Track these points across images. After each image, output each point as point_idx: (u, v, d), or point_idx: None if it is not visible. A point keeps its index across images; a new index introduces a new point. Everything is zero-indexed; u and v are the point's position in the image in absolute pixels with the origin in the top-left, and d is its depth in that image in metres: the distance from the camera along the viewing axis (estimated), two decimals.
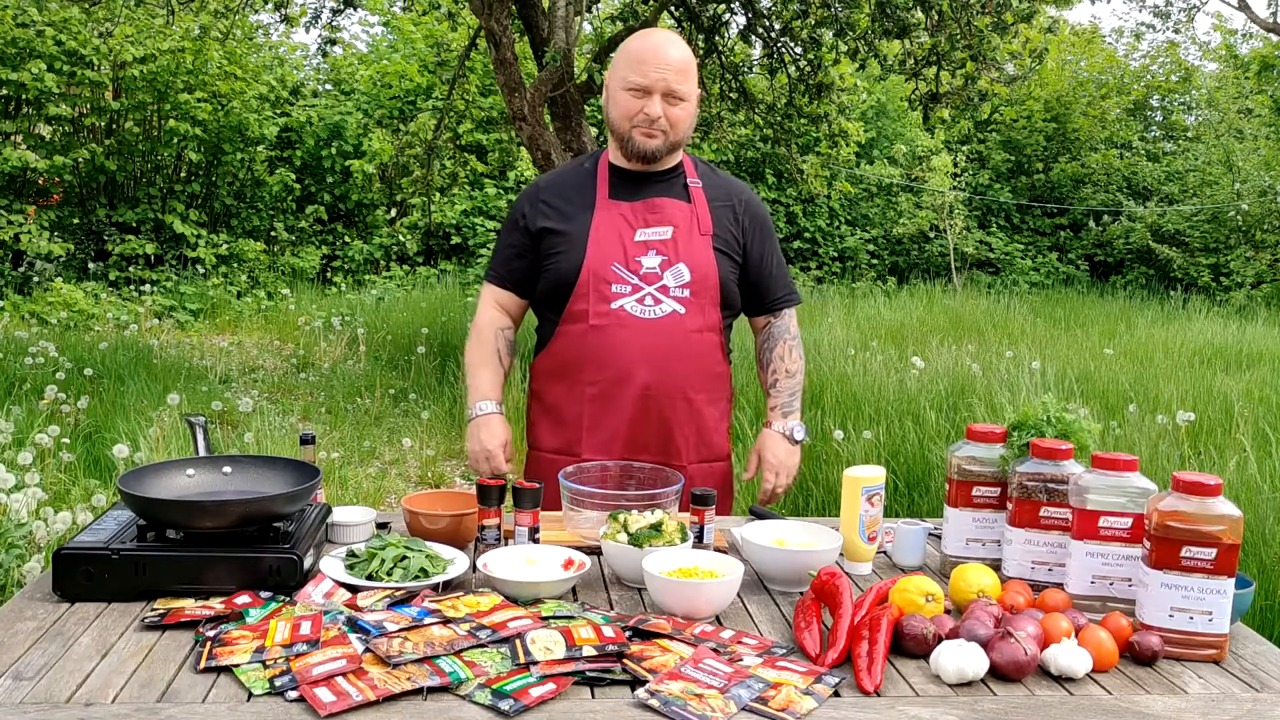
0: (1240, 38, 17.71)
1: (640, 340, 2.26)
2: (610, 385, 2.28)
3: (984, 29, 7.05)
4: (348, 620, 1.55)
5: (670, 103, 2.24)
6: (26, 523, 3.41)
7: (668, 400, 2.29)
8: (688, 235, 2.31)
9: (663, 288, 2.28)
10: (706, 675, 1.43)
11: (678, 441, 2.32)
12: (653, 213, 2.31)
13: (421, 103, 13.45)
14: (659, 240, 2.30)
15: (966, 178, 16.14)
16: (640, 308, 2.27)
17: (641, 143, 2.26)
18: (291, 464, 1.93)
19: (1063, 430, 1.87)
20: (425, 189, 10.47)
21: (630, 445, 2.28)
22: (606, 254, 2.28)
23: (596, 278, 2.27)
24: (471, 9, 7.06)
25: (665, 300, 2.28)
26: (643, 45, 2.26)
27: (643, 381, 2.27)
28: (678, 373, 2.29)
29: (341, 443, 6.36)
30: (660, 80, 2.22)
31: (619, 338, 2.27)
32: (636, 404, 2.28)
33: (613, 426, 2.29)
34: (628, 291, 2.27)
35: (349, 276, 13.29)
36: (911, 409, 5.71)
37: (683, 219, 2.32)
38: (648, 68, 2.22)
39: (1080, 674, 1.49)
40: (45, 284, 10.85)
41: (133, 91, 11.85)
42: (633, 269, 2.28)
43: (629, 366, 2.27)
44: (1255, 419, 5.68)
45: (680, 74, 2.24)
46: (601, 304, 2.28)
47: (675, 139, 2.29)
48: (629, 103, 2.25)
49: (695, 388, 2.32)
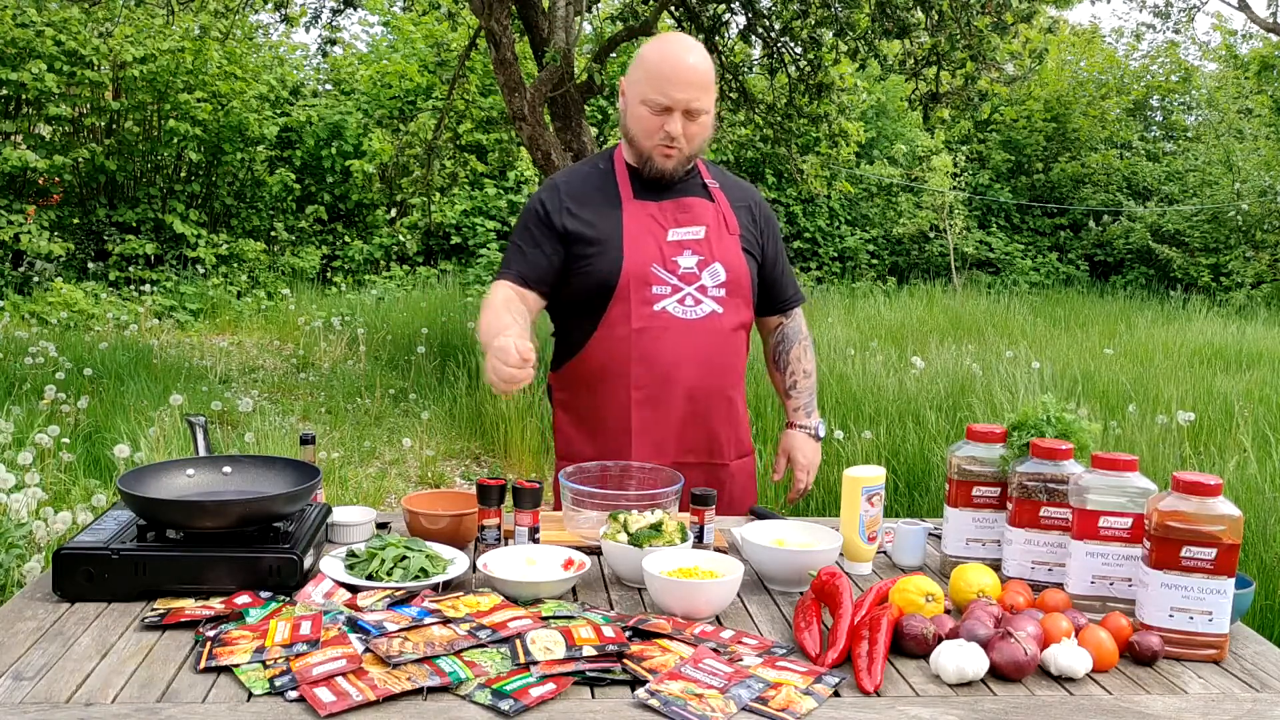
0: (1240, 38, 17.71)
1: (684, 341, 2.25)
2: (658, 389, 2.26)
3: (984, 29, 7.05)
4: (348, 620, 1.55)
5: (690, 118, 2.20)
6: (26, 523, 3.41)
7: (712, 400, 2.30)
8: (718, 234, 2.30)
9: (701, 287, 2.27)
10: (706, 675, 1.43)
11: (721, 441, 2.33)
12: (684, 212, 2.30)
13: (421, 103, 13.45)
14: (693, 240, 2.28)
15: (966, 178, 16.14)
16: (681, 308, 2.25)
17: (660, 162, 2.24)
18: (291, 464, 1.93)
19: (1063, 430, 1.87)
20: (425, 189, 10.47)
21: (680, 447, 2.27)
22: (644, 255, 2.25)
23: (637, 280, 2.23)
24: (471, 9, 7.06)
25: (705, 300, 2.27)
26: (664, 60, 2.19)
27: (690, 383, 2.26)
28: (719, 372, 2.30)
29: (341, 443, 6.36)
30: (683, 100, 2.17)
31: (664, 340, 2.24)
32: (685, 406, 2.27)
33: (663, 430, 2.27)
34: (668, 292, 2.25)
35: (349, 276, 13.29)
36: (911, 409, 5.71)
37: (712, 218, 2.31)
38: (670, 87, 2.17)
39: (1080, 674, 1.49)
40: (45, 284, 10.85)
41: (133, 91, 11.85)
42: (670, 269, 2.26)
43: (675, 368, 2.25)
44: (1255, 419, 5.69)
45: (703, 89, 2.19)
46: (643, 306, 2.24)
47: (691, 153, 2.26)
48: (649, 120, 2.20)
49: (734, 385, 2.34)
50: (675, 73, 2.17)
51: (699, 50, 2.23)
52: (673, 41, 2.25)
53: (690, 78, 2.18)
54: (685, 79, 2.17)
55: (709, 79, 2.21)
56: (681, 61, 2.18)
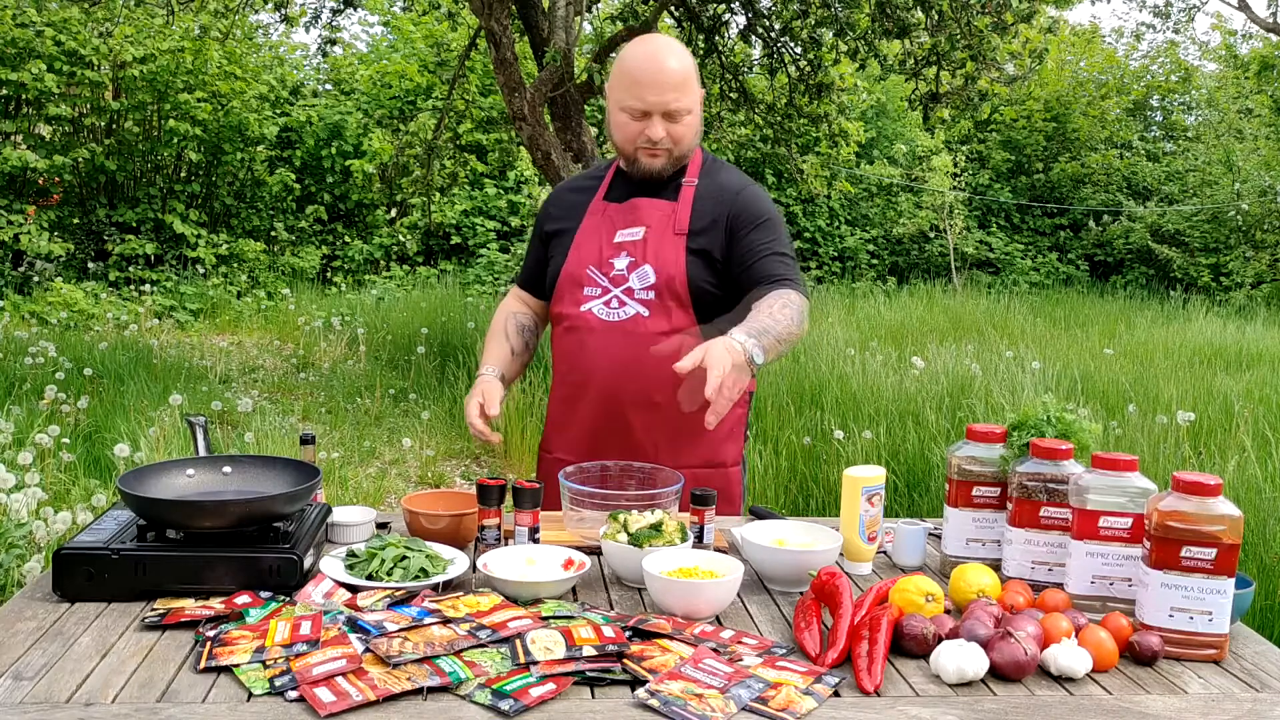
0: (1240, 38, 17.71)
1: (602, 343, 2.24)
2: (575, 387, 2.29)
3: (984, 29, 7.05)
4: (348, 620, 1.55)
5: (672, 120, 2.18)
6: (26, 523, 3.41)
7: (630, 403, 2.23)
8: (660, 235, 2.24)
9: (628, 290, 2.23)
10: (706, 675, 1.43)
11: (644, 445, 2.24)
12: (631, 212, 2.28)
13: (421, 103, 13.46)
14: (630, 241, 2.25)
15: (966, 178, 16.14)
16: (606, 310, 2.24)
17: (647, 164, 2.23)
18: (291, 464, 1.93)
19: (1063, 430, 1.87)
20: (425, 189, 10.47)
21: (594, 447, 2.25)
22: (584, 256, 2.27)
23: (571, 280, 2.27)
24: (471, 9, 7.06)
25: (630, 302, 2.23)
26: (636, 65, 2.17)
27: (605, 385, 2.24)
28: (641, 376, 2.20)
29: (341, 443, 6.36)
30: (658, 103, 2.15)
31: (584, 340, 2.26)
32: (598, 406, 2.26)
33: (578, 427, 2.29)
34: (597, 294, 2.25)
35: (349, 276, 13.29)
36: (911, 409, 5.71)
37: (658, 219, 2.25)
38: (644, 90, 2.15)
39: (1080, 674, 1.49)
40: (45, 284, 10.85)
41: (133, 91, 11.85)
42: (605, 271, 2.26)
43: (591, 369, 2.25)
44: (1255, 419, 5.69)
45: (679, 90, 2.16)
46: (573, 306, 2.27)
47: (680, 152, 2.24)
48: (628, 126, 2.19)
49: (661, 391, 2.20)
50: (649, 77, 2.15)
51: (674, 51, 2.19)
52: (645, 45, 2.22)
53: (664, 79, 2.15)
54: (659, 82, 2.15)
55: (685, 77, 2.17)
56: (654, 65, 2.16)
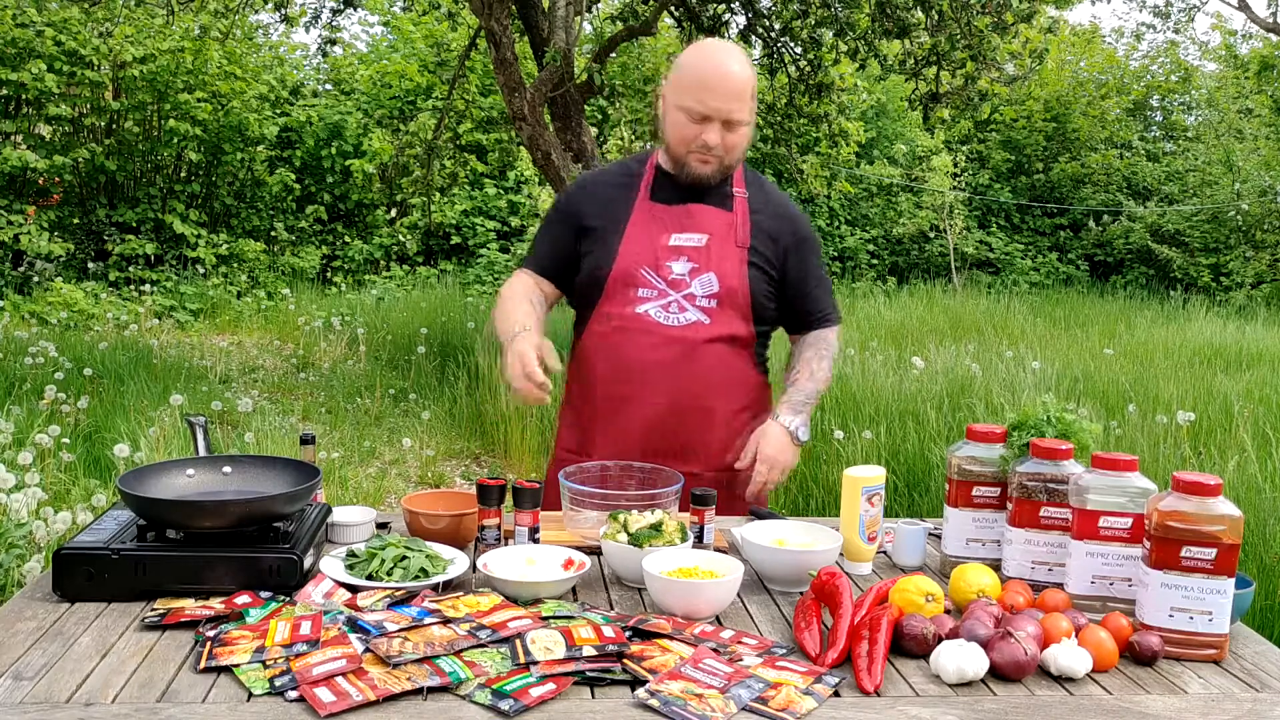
0: (1240, 38, 17.71)
1: (659, 346, 2.23)
2: (625, 389, 2.25)
3: (984, 29, 7.05)
4: (348, 620, 1.55)
5: (729, 128, 2.17)
6: (26, 523, 3.41)
7: (685, 409, 2.26)
8: (722, 244, 2.26)
9: (689, 295, 2.24)
10: (706, 675, 1.43)
11: (696, 449, 2.28)
12: (689, 218, 2.27)
13: (421, 103, 13.45)
14: (691, 247, 2.25)
15: (966, 178, 16.14)
16: (665, 314, 2.24)
17: (697, 169, 2.22)
18: (291, 464, 1.93)
19: (1063, 430, 1.87)
20: (425, 189, 10.47)
21: (644, 451, 2.25)
22: (637, 255, 2.25)
23: (623, 279, 2.24)
24: (471, 9, 7.06)
25: (690, 309, 2.24)
26: (704, 67, 2.16)
27: (659, 388, 2.24)
28: (697, 381, 2.24)
29: (341, 443, 6.36)
30: (721, 110, 2.14)
31: (638, 342, 2.24)
32: (652, 410, 2.25)
33: (626, 431, 2.26)
34: (653, 296, 2.24)
35: (349, 276, 13.29)
36: (911, 409, 5.70)
37: (719, 227, 2.27)
38: (710, 96, 2.13)
39: (1080, 674, 1.49)
40: (45, 284, 10.85)
41: (133, 91, 11.85)
42: (662, 274, 2.24)
43: (645, 372, 2.24)
44: (1255, 419, 5.68)
45: (741, 99, 2.16)
46: (625, 306, 2.24)
47: (730, 162, 2.23)
48: (686, 127, 2.18)
49: (716, 397, 2.27)
50: (715, 81, 2.14)
51: (740, 58, 2.18)
52: (713, 49, 2.21)
53: (730, 87, 2.14)
54: (725, 88, 2.14)
55: (749, 88, 2.18)
56: (722, 69, 2.15)
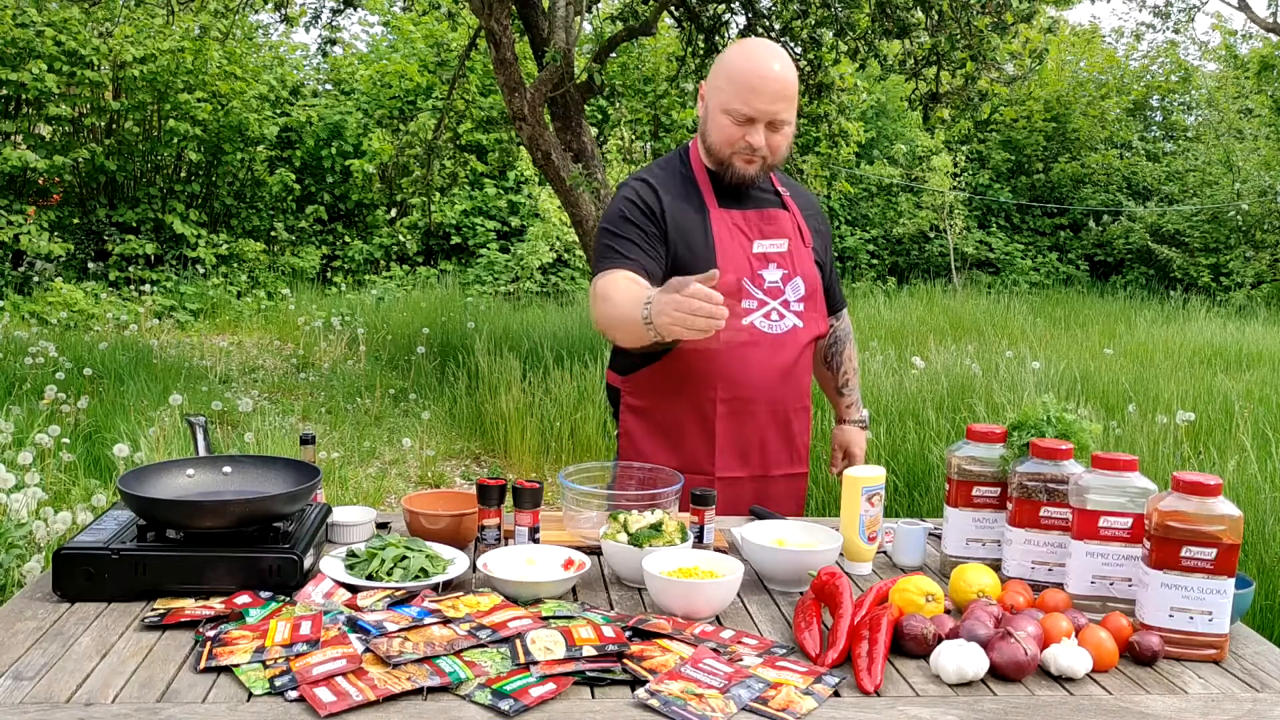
0: (1240, 38, 17.72)
1: (770, 356, 2.25)
2: (744, 403, 2.26)
3: (984, 29, 7.05)
4: (348, 620, 1.55)
5: (774, 130, 2.17)
6: (26, 523, 3.41)
7: (792, 412, 2.32)
8: (798, 247, 2.31)
9: (785, 302, 2.27)
10: (706, 675, 1.43)
11: (801, 451, 2.36)
12: (768, 224, 2.28)
13: (421, 103, 13.45)
14: (777, 253, 2.27)
15: (966, 178, 16.13)
16: (767, 323, 2.25)
17: (741, 169, 2.21)
18: (291, 464, 1.93)
19: (1063, 430, 1.87)
20: (425, 189, 10.47)
21: (764, 460, 2.27)
22: (735, 267, 2.23)
23: (728, 293, 2.19)
24: (471, 9, 7.06)
25: (788, 315, 2.27)
26: (749, 69, 2.13)
27: (773, 396, 2.27)
28: (799, 384, 2.32)
29: (341, 443, 6.36)
30: (767, 111, 2.13)
31: (751, 355, 2.24)
32: (769, 419, 2.28)
33: (748, 443, 2.27)
34: (755, 307, 2.24)
35: (349, 276, 13.29)
36: (912, 409, 5.70)
37: (792, 230, 2.32)
38: (756, 99, 2.12)
39: (1080, 674, 1.49)
40: (45, 284, 10.85)
41: (133, 91, 11.85)
42: (757, 283, 2.25)
43: (761, 383, 2.25)
44: (1255, 419, 5.68)
45: (787, 101, 2.15)
46: (732, 319, 2.18)
47: (773, 163, 2.24)
48: (730, 129, 2.16)
49: (809, 395, 2.37)
50: (761, 83, 2.12)
51: (784, 59, 2.16)
52: (758, 49, 2.18)
53: (776, 89, 2.13)
54: (771, 90, 2.12)
55: (794, 90, 2.17)
56: (768, 71, 2.13)
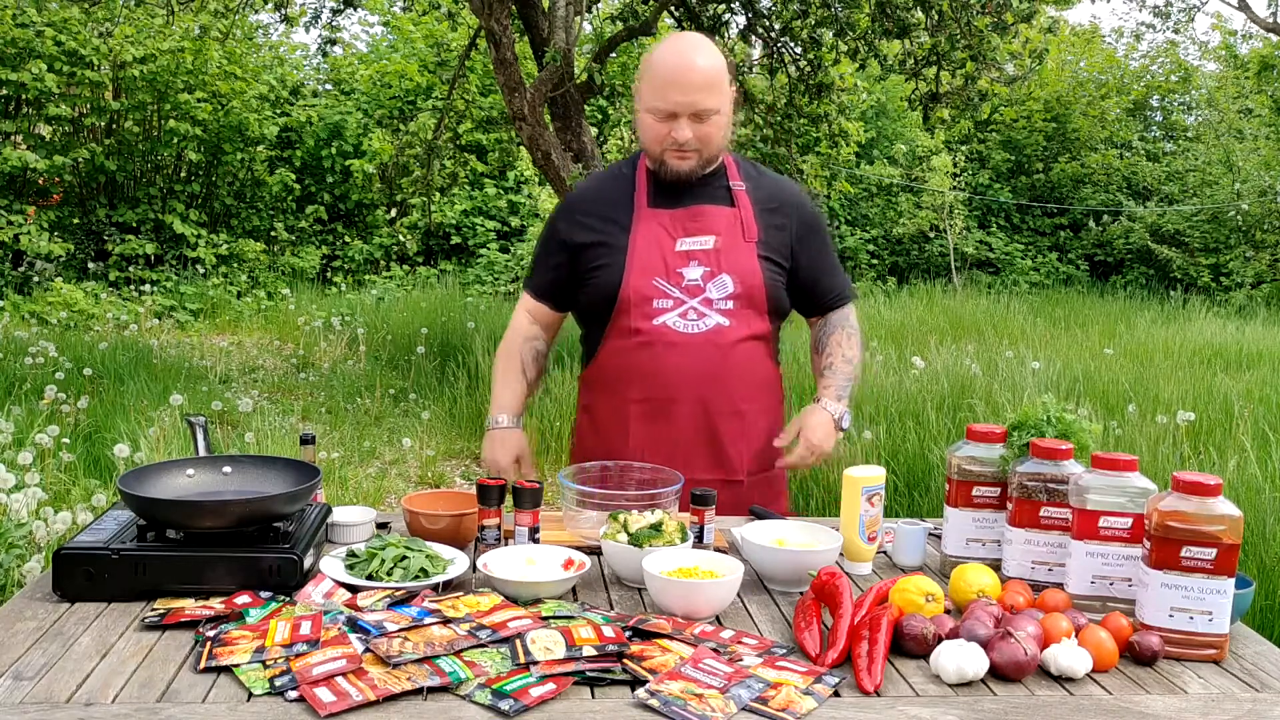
0: (1240, 38, 17.72)
1: (686, 357, 2.21)
2: (659, 404, 2.24)
3: (984, 29, 7.05)
4: (348, 620, 1.55)
5: (699, 120, 2.14)
6: (26, 523, 3.41)
7: (719, 416, 2.24)
8: (732, 243, 2.23)
9: (706, 300, 2.21)
10: (706, 675, 1.43)
11: (731, 456, 2.27)
12: (694, 220, 2.24)
13: (421, 103, 13.45)
14: (701, 250, 2.22)
15: (966, 178, 16.14)
16: (684, 322, 2.21)
17: (675, 165, 2.19)
18: (291, 464, 1.93)
19: (1063, 430, 1.87)
20: (425, 189, 10.47)
21: (685, 463, 2.22)
22: (648, 267, 2.21)
23: (639, 294, 2.21)
24: (471, 9, 7.06)
25: (709, 314, 2.22)
26: (664, 64, 2.14)
27: (691, 399, 2.22)
28: (726, 387, 2.23)
29: (341, 443, 6.36)
30: (685, 104, 2.12)
31: (665, 355, 2.21)
32: (687, 422, 2.24)
33: (665, 444, 2.24)
34: (670, 306, 2.21)
35: (349, 276, 13.29)
36: (912, 409, 5.70)
37: (726, 226, 2.24)
38: (673, 92, 2.12)
39: (1080, 674, 1.49)
40: (45, 284, 10.85)
41: (133, 91, 11.85)
42: (674, 281, 2.21)
43: (676, 384, 2.22)
44: (1255, 419, 5.68)
45: (707, 90, 2.12)
46: (644, 320, 2.21)
47: (710, 153, 2.20)
48: (656, 127, 2.16)
49: (746, 399, 2.27)
50: (676, 76, 2.12)
51: (702, 49, 2.15)
52: (673, 44, 2.19)
53: (691, 79, 2.12)
54: (686, 82, 2.12)
55: (714, 77, 2.14)
56: (682, 64, 2.13)
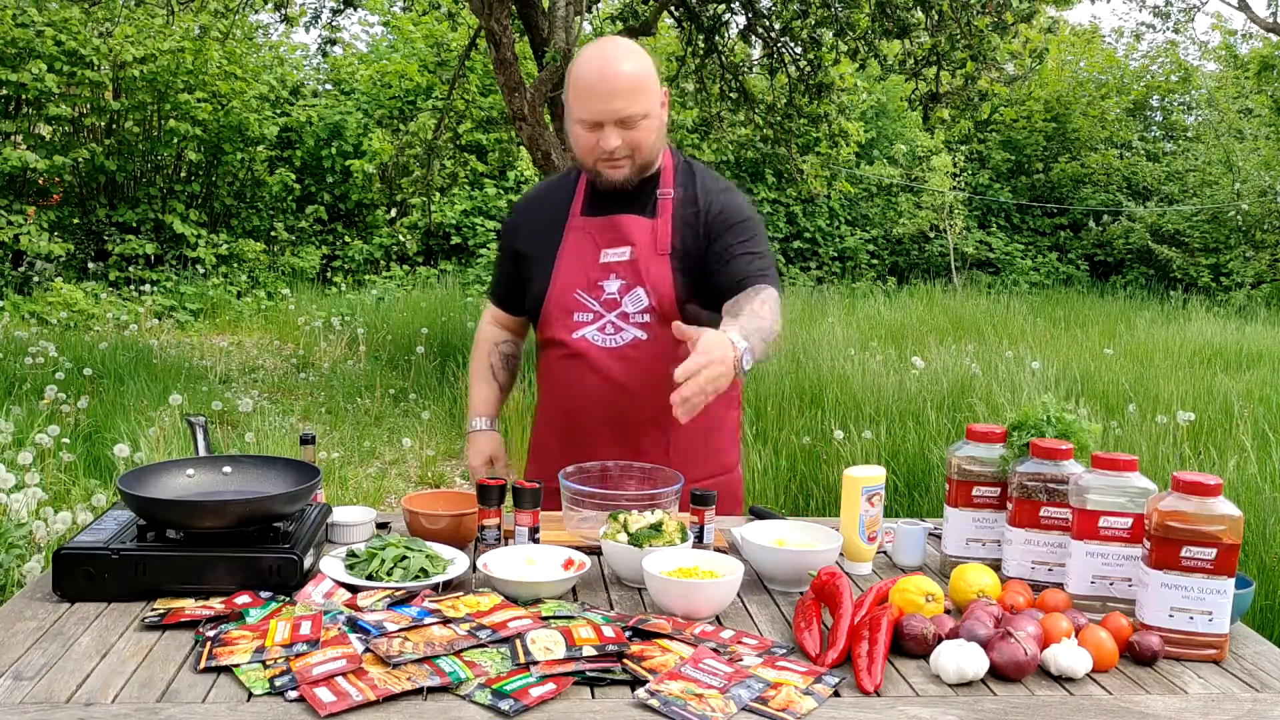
0: (1240, 38, 17.73)
1: (604, 369, 2.15)
2: (578, 417, 2.21)
3: (984, 29, 7.06)
4: (348, 620, 1.55)
5: (626, 127, 2.07)
6: (26, 523, 3.41)
7: (640, 430, 2.17)
8: (648, 255, 2.15)
9: (623, 314, 2.15)
10: (706, 675, 1.43)
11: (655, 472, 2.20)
12: (613, 231, 2.17)
13: (421, 103, 13.45)
14: (619, 262, 2.15)
15: (966, 178, 16.14)
16: (602, 336, 2.16)
17: (610, 175, 2.14)
18: (291, 464, 1.93)
19: (1063, 430, 1.87)
20: (425, 189, 10.48)
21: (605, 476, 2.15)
22: (571, 279, 2.17)
23: (560, 306, 2.18)
24: (471, 9, 7.06)
25: (626, 328, 2.15)
26: (585, 74, 2.07)
27: (609, 414, 2.17)
28: (647, 402, 2.13)
29: (341, 443, 6.37)
30: (608, 112, 2.05)
31: (582, 370, 2.17)
32: (608, 435, 2.18)
33: (585, 455, 2.18)
34: (589, 320, 2.17)
35: (349, 276, 13.29)
36: (912, 409, 5.71)
37: (643, 237, 2.16)
38: (594, 101, 2.05)
39: (1080, 674, 1.49)
40: (45, 284, 10.86)
41: (133, 91, 11.85)
42: (594, 295, 2.16)
43: (596, 396, 2.17)
44: (1255, 419, 5.69)
45: (630, 97, 2.05)
46: (566, 333, 2.18)
47: (643, 159, 2.13)
48: (584, 137, 2.10)
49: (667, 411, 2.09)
50: (597, 85, 2.05)
51: (624, 54, 2.07)
52: (593, 51, 2.11)
53: (612, 87, 2.04)
54: (607, 90, 2.04)
55: (638, 82, 2.06)
56: (602, 72, 2.06)
